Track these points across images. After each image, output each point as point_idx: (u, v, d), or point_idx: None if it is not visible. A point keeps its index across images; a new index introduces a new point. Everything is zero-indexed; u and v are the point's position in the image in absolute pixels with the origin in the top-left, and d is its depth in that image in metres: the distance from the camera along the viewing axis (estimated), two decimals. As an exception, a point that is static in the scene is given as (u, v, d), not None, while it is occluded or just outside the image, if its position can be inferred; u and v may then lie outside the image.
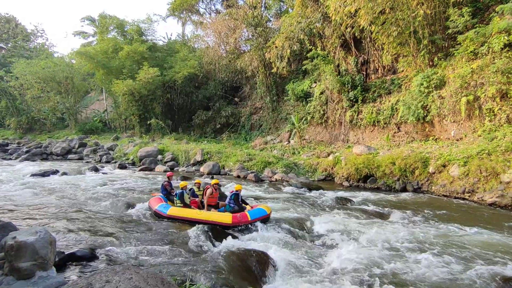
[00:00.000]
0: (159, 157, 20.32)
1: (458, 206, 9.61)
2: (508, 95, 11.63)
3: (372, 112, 17.62)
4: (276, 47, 21.85)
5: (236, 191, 7.48)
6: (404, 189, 12.08)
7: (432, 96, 14.19)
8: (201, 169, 17.82)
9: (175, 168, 18.82)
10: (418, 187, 11.94)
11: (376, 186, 12.91)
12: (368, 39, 18.58)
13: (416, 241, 6.40)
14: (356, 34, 18.41)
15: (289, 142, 22.15)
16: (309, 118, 21.78)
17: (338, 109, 20.05)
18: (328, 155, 17.04)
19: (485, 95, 12.20)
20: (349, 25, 17.95)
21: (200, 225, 6.62)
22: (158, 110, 29.63)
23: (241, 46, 28.80)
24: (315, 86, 22.09)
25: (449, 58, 14.46)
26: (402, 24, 15.09)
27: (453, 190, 10.64)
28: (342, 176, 14.20)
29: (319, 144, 20.51)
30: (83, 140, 27.82)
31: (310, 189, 12.55)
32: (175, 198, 7.73)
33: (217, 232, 6.57)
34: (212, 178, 14.89)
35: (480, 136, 12.13)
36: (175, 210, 7.33)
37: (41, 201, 9.42)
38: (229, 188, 12.59)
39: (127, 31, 33.61)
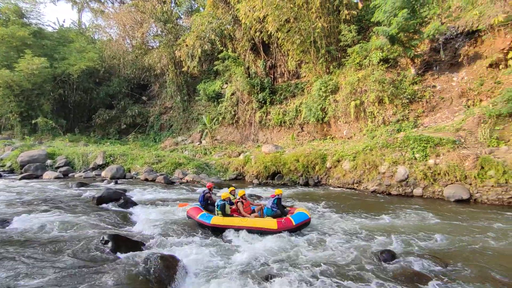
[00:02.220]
0: (48, 162, 17.34)
1: (348, 195, 11.09)
2: (383, 101, 14.07)
3: (279, 113, 18.89)
4: (187, 45, 21.33)
5: (278, 195, 7.21)
6: (306, 184, 13.30)
7: (329, 100, 16.09)
8: (103, 173, 15.98)
9: (70, 174, 16.39)
10: (318, 181, 13.34)
11: (283, 182, 13.86)
12: (276, 44, 19.87)
13: (313, 229, 7.08)
14: (264, 39, 19.46)
15: (200, 142, 21.89)
16: (220, 118, 21.98)
17: (248, 110, 20.81)
18: (239, 154, 17.49)
19: (367, 100, 14.48)
20: (258, 29, 18.84)
21: (101, 236, 5.89)
22: (48, 108, 25.30)
23: (149, 42, 27.19)
24: (226, 87, 22.44)
25: (341, 67, 16.65)
26: (304, 33, 16.64)
27: (346, 182, 12.26)
28: (252, 174, 14.77)
29: (230, 144, 20.88)
30: None
31: (221, 189, 12.62)
32: (216, 209, 7.33)
33: (120, 240, 5.95)
34: (115, 182, 13.51)
35: (365, 135, 14.34)
36: (219, 220, 7.03)
37: None
38: (135, 193, 11.66)
39: (0, 10, 27.68)
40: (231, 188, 8.06)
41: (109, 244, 5.71)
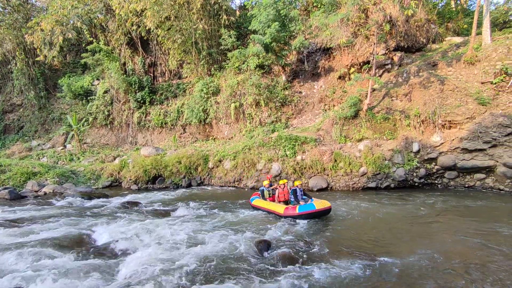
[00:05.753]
0: None
1: (230, 193, 11.42)
2: (260, 104, 15.23)
3: (160, 114, 17.90)
4: (42, 30, 17.70)
5: (296, 186, 8.29)
6: (189, 185, 13.00)
7: (210, 101, 16.28)
8: None
9: None
10: (201, 181, 13.24)
11: (164, 186, 13.12)
12: (156, 42, 18.77)
13: (195, 230, 6.87)
14: (143, 34, 18.12)
15: (65, 147, 18.54)
16: (91, 119, 19.19)
17: (125, 110, 18.90)
18: (115, 159, 15.65)
19: (246, 103, 15.37)
20: (135, 23, 17.39)
21: None
22: None
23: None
24: (98, 84, 19.82)
25: (222, 70, 17.12)
26: (185, 33, 16.30)
27: (227, 180, 12.58)
28: (130, 179, 13.42)
29: (104, 147, 18.47)
30: None
31: (92, 198, 10.97)
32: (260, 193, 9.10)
33: None
34: None
35: (244, 135, 15.15)
36: (257, 202, 8.76)
37: None
38: None
39: None
40: (283, 181, 8.94)
41: None
